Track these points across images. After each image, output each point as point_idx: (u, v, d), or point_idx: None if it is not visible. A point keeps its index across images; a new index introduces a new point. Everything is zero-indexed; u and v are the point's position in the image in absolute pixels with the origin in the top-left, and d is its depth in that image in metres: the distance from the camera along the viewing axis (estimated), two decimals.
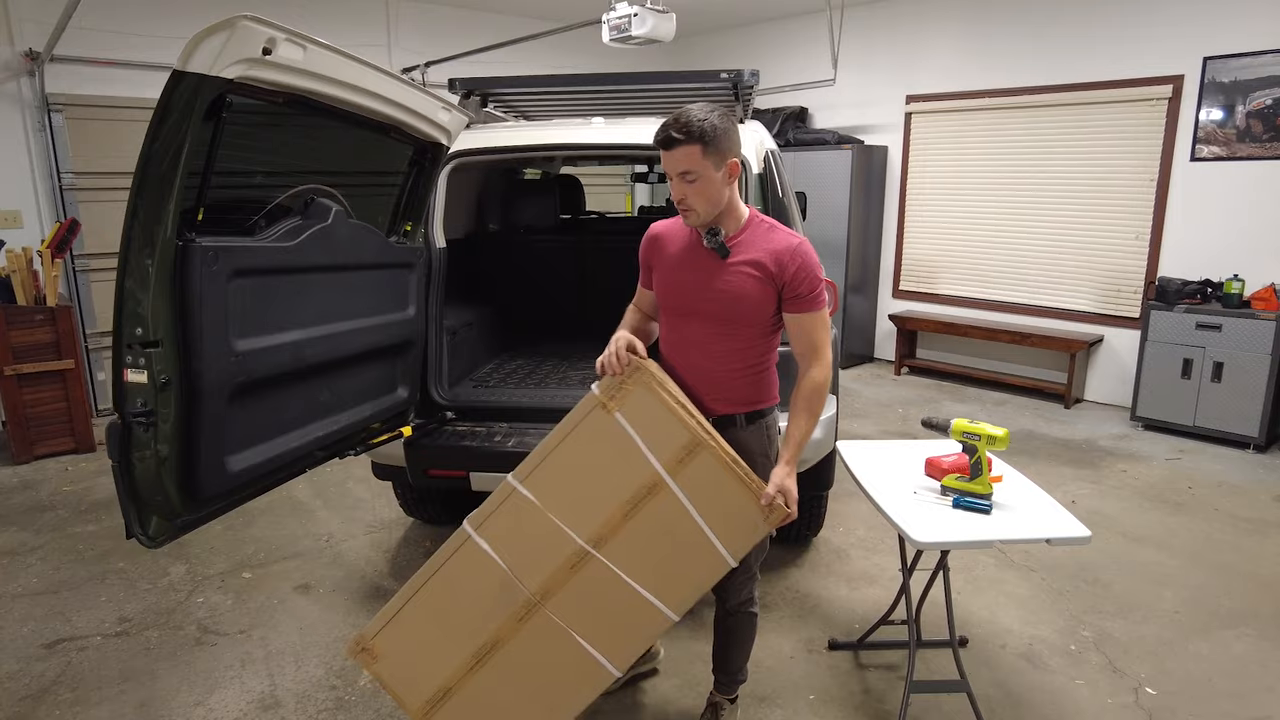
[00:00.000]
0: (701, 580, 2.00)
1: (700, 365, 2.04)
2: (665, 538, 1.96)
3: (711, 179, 1.89)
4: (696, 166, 1.86)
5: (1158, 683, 2.62)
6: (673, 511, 1.94)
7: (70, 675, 2.68)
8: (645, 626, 2.01)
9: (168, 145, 1.64)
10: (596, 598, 1.99)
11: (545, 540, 1.99)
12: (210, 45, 1.59)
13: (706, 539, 1.94)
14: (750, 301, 1.97)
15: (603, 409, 1.94)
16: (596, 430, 1.95)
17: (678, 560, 1.97)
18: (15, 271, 4.40)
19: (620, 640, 2.02)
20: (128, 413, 1.72)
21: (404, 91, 2.27)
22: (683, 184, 1.91)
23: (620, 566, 1.97)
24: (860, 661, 2.76)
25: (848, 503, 3.97)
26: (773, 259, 1.95)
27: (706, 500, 1.93)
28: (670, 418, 1.91)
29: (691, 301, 2.02)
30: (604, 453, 1.96)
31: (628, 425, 1.93)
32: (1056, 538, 2.10)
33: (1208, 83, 4.98)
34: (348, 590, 3.22)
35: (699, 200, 1.92)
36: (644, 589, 1.98)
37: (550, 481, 2.00)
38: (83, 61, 5.08)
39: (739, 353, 2.04)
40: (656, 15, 4.14)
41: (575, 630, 2.00)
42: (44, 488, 4.27)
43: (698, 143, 1.84)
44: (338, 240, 2.23)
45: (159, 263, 1.68)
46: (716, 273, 1.99)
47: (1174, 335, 4.94)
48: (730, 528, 1.94)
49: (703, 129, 1.84)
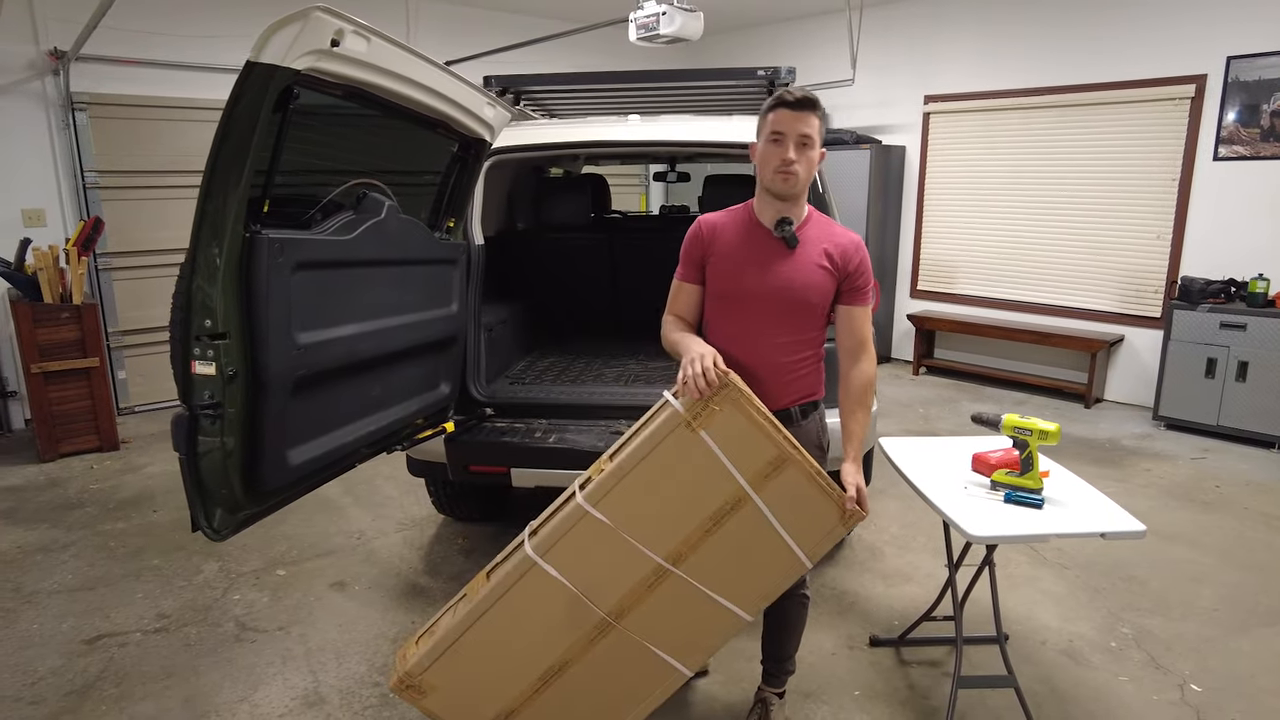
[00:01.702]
0: (779, 583, 2.02)
1: (766, 356, 2.04)
2: (745, 548, 1.95)
3: (818, 152, 1.97)
4: (815, 134, 1.94)
5: (1202, 679, 2.62)
6: (754, 523, 1.93)
7: (113, 671, 2.67)
8: (721, 630, 2.03)
9: (239, 135, 1.64)
10: (673, 610, 1.97)
11: (620, 561, 1.92)
12: (284, 36, 1.59)
13: (786, 546, 1.95)
14: (818, 291, 2.01)
15: (687, 428, 1.84)
16: (680, 450, 1.86)
17: (756, 567, 1.98)
18: (43, 269, 4.41)
19: (695, 645, 2.03)
20: (195, 405, 1.72)
21: (455, 86, 2.27)
22: (799, 147, 1.93)
23: (699, 579, 1.96)
24: (902, 658, 2.76)
25: (879, 500, 3.96)
26: (839, 251, 2.01)
27: (788, 510, 1.93)
28: (759, 434, 1.87)
29: (759, 291, 2.02)
30: (686, 471, 1.88)
31: (714, 444, 1.86)
32: (1111, 531, 2.09)
33: (1231, 82, 4.98)
34: (384, 587, 3.22)
35: (804, 167, 1.95)
36: (722, 597, 1.97)
37: (626, 502, 1.90)
38: (107, 60, 5.09)
39: (802, 343, 2.07)
40: (685, 13, 4.14)
41: (649, 642, 1.99)
42: (71, 485, 4.27)
43: (819, 116, 1.95)
44: (389, 235, 2.24)
45: (227, 254, 1.68)
46: (785, 262, 2.01)
47: (1197, 335, 4.93)
48: (809, 533, 1.96)
49: (821, 107, 1.95)
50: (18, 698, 2.53)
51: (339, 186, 2.17)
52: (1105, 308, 5.81)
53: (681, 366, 1.85)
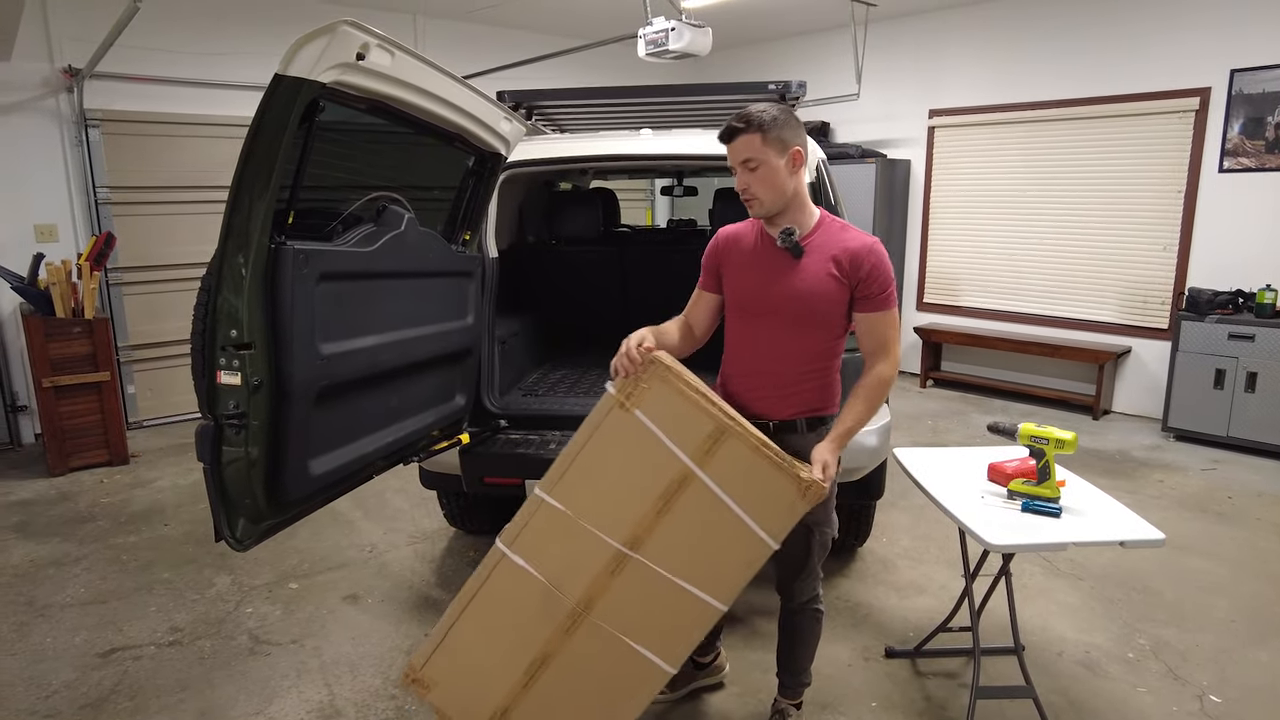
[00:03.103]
0: (744, 566, 1.94)
1: (771, 366, 2.05)
2: (702, 530, 1.91)
3: (774, 167, 1.92)
4: (756, 154, 1.90)
5: (1221, 690, 2.60)
6: (706, 502, 1.89)
7: (127, 684, 2.67)
8: (695, 621, 1.97)
9: (265, 147, 1.66)
10: (641, 599, 1.95)
11: (581, 548, 1.95)
12: (312, 49, 1.61)
13: (744, 525, 1.89)
14: (826, 301, 1.98)
15: (621, 408, 1.91)
16: (618, 431, 1.93)
17: (718, 550, 1.93)
18: (55, 284, 4.43)
19: (671, 637, 1.97)
20: (220, 415, 1.73)
21: (473, 100, 2.29)
22: (745, 173, 1.94)
23: (660, 564, 1.93)
24: (918, 669, 2.74)
25: (889, 513, 3.96)
26: (848, 257, 1.96)
27: (740, 487, 1.88)
28: (692, 408, 1.87)
29: (765, 301, 2.03)
30: (629, 452, 1.93)
31: (649, 422, 1.91)
32: (1130, 540, 2.09)
33: (1235, 95, 5.02)
34: (397, 600, 3.21)
35: (762, 188, 1.94)
36: (687, 583, 1.93)
37: (578, 488, 1.96)
38: (120, 78, 5.14)
39: (810, 354, 2.04)
40: (693, 30, 4.18)
41: (624, 634, 1.97)
42: (82, 499, 4.27)
43: (756, 131, 1.89)
44: (409, 248, 2.25)
45: (253, 265, 1.70)
46: (791, 272, 2.00)
47: (1206, 346, 4.94)
48: (767, 511, 1.89)
49: (761, 118, 1.89)
50: (33, 711, 2.52)
51: (358, 200, 2.20)
52: (1112, 319, 5.82)
53: None
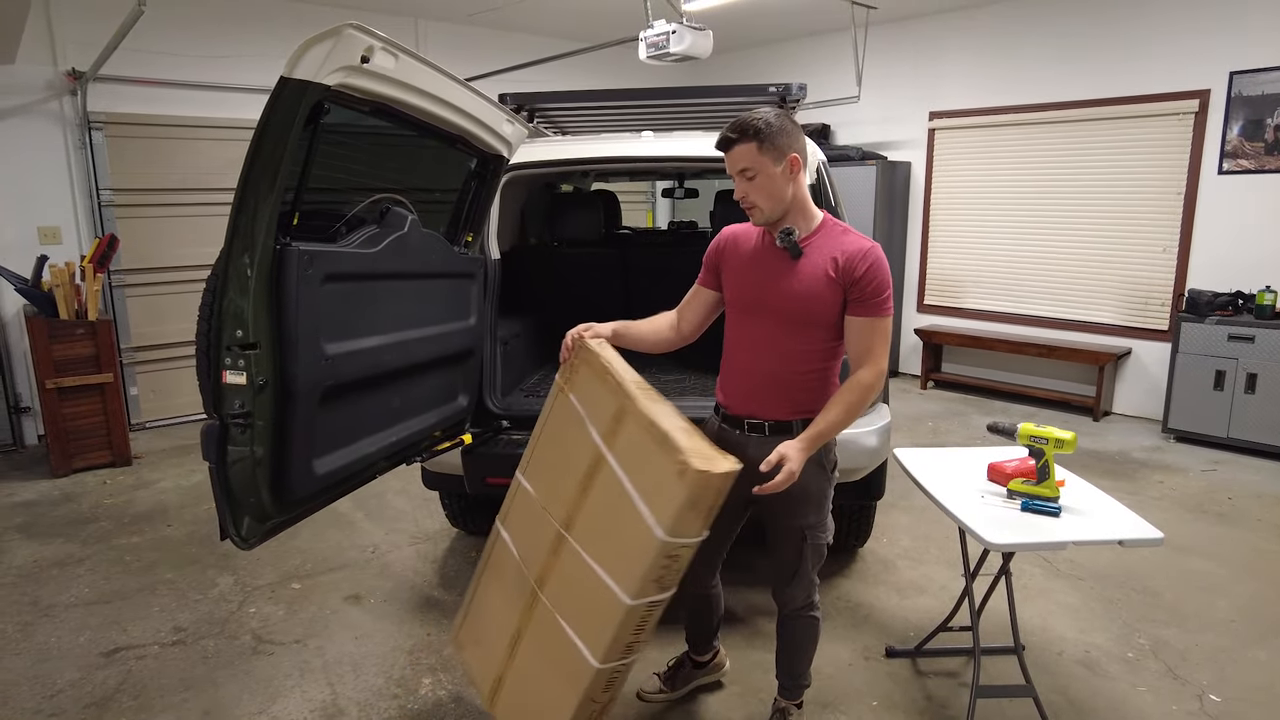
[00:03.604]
0: (640, 555, 1.77)
1: (768, 365, 2.06)
2: (612, 513, 1.85)
3: (771, 175, 1.93)
4: (754, 163, 1.91)
5: (1221, 690, 2.61)
6: (613, 484, 1.84)
7: (131, 683, 2.68)
8: (607, 610, 1.83)
9: (271, 149, 1.67)
10: (573, 582, 1.92)
11: (537, 527, 2.05)
12: (317, 52, 1.63)
13: (637, 511, 1.78)
14: (821, 302, 1.98)
15: (561, 392, 2.04)
16: (559, 414, 2.06)
17: (622, 536, 1.83)
18: (59, 286, 4.45)
19: (593, 626, 1.87)
20: (226, 414, 1.74)
21: (475, 102, 2.31)
22: (743, 182, 1.96)
23: (584, 547, 1.91)
24: (919, 668, 2.75)
25: (889, 514, 3.97)
26: (844, 258, 1.97)
27: (638, 469, 1.81)
28: (604, 389, 1.90)
29: (762, 300, 2.04)
30: (565, 434, 2.03)
31: (577, 404, 1.99)
32: (1129, 539, 2.10)
33: (1234, 97, 5.03)
34: (399, 600, 3.23)
35: (760, 196, 1.96)
36: (601, 569, 1.86)
37: (537, 469, 2.11)
38: (124, 81, 5.16)
39: (806, 354, 2.05)
40: (694, 32, 4.20)
41: (562, 617, 1.94)
42: (85, 500, 4.29)
43: (753, 140, 1.90)
44: (412, 249, 2.27)
45: (259, 265, 1.71)
46: (789, 272, 2.01)
47: (1206, 347, 4.95)
48: (658, 496, 1.76)
49: (757, 126, 1.89)
50: (38, 710, 2.54)
51: (362, 201, 2.21)
52: (1112, 321, 5.83)
53: None
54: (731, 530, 2.25)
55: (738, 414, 2.12)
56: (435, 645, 2.89)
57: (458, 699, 2.58)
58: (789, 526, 2.13)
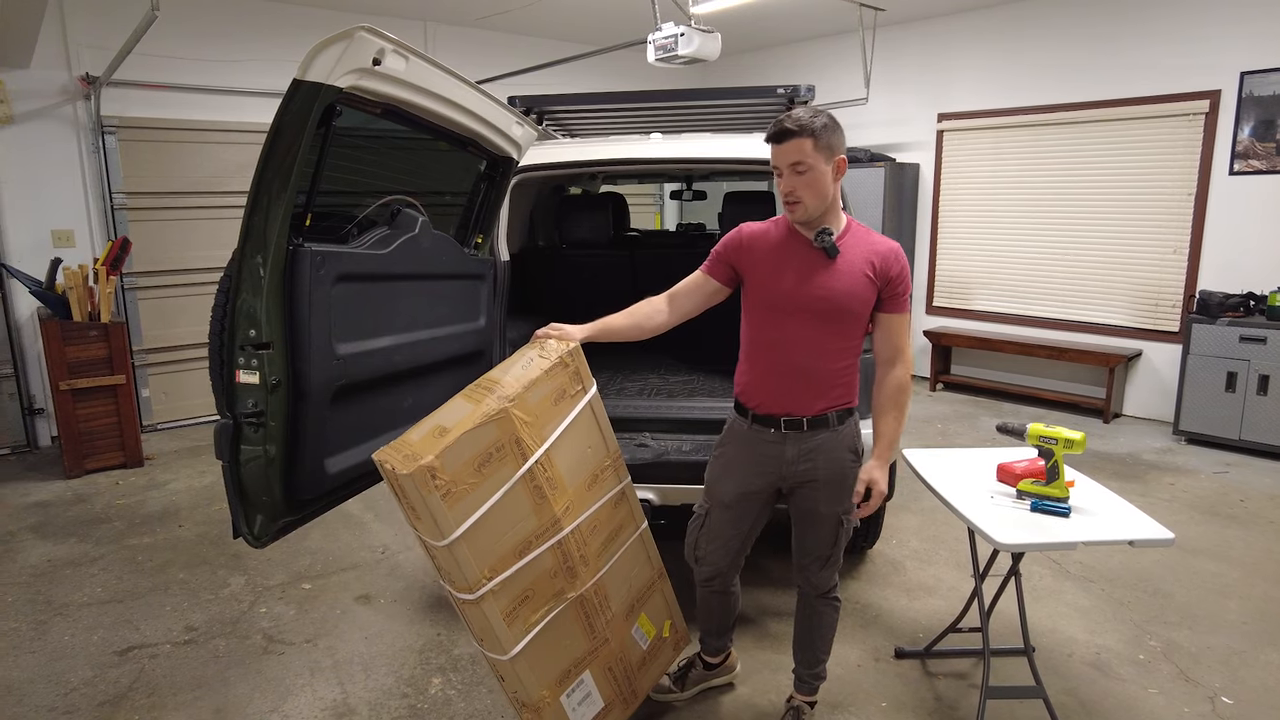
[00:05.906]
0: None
1: (802, 362, 2.08)
2: None
3: (822, 172, 1.96)
4: (807, 159, 1.93)
5: (1233, 692, 2.60)
6: None
7: (144, 682, 2.70)
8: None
9: (284, 151, 1.69)
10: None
11: None
12: (329, 55, 1.64)
13: None
14: (859, 300, 2.04)
15: None
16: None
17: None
18: (73, 288, 4.49)
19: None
20: (239, 413, 1.76)
21: (485, 105, 2.33)
22: (793, 176, 1.96)
23: None
24: (928, 669, 2.75)
25: (898, 515, 3.96)
26: (880, 259, 2.04)
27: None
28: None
29: (797, 299, 2.06)
30: None
31: None
32: (1140, 539, 2.09)
33: (1245, 97, 5.01)
34: (409, 601, 3.24)
35: (807, 193, 1.97)
36: None
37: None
38: (137, 85, 5.21)
39: (842, 351, 2.10)
40: (702, 35, 4.21)
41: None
42: (97, 501, 4.32)
43: (809, 136, 1.92)
44: (423, 250, 2.29)
45: (272, 266, 1.73)
46: (826, 271, 2.04)
47: (1217, 348, 4.92)
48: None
49: (813, 124, 1.92)
50: (52, 708, 2.56)
51: (373, 203, 2.23)
52: (1122, 322, 5.80)
53: None
54: (757, 525, 2.29)
55: (771, 413, 2.13)
56: (445, 645, 2.90)
57: (467, 698, 2.59)
58: (828, 514, 2.17)
